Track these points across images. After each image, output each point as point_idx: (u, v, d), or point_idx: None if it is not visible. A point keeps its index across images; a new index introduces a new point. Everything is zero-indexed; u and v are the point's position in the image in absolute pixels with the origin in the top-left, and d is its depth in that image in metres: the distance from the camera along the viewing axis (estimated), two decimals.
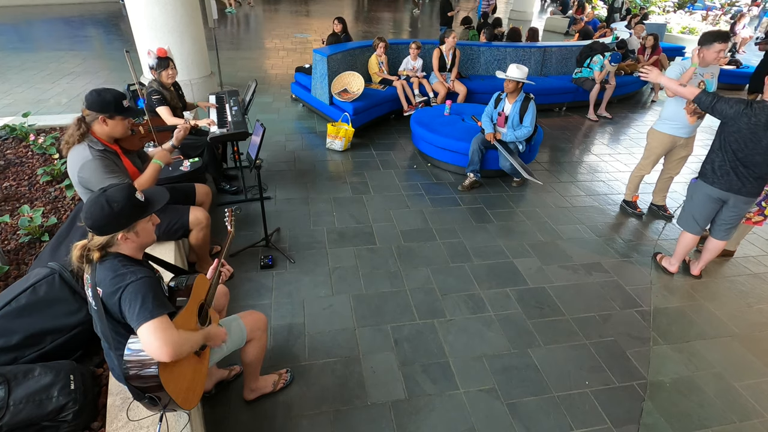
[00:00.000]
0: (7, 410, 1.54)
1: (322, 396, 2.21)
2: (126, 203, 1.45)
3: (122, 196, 1.46)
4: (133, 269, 1.43)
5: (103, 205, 1.42)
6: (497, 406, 2.23)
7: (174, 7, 5.31)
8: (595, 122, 6.50)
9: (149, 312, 1.35)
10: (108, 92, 2.17)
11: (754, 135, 2.61)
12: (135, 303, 1.36)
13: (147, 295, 1.37)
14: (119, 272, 1.41)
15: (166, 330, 1.35)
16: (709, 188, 2.90)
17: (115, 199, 1.44)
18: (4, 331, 1.80)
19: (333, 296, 2.88)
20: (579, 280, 3.18)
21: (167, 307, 1.42)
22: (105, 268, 1.44)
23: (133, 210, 1.48)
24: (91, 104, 2.15)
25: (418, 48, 5.87)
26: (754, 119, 2.58)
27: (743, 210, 2.92)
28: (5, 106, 5.55)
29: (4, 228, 2.90)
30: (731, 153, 2.73)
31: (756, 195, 2.83)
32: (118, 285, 1.39)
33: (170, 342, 1.34)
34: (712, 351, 2.65)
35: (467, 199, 4.17)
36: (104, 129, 2.20)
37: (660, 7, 15.22)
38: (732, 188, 2.81)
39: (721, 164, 2.80)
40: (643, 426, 2.18)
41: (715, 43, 3.13)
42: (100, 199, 1.43)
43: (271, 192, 4.04)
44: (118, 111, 2.19)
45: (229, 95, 4.14)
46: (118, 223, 1.44)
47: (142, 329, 1.34)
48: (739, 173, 2.75)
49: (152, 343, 1.33)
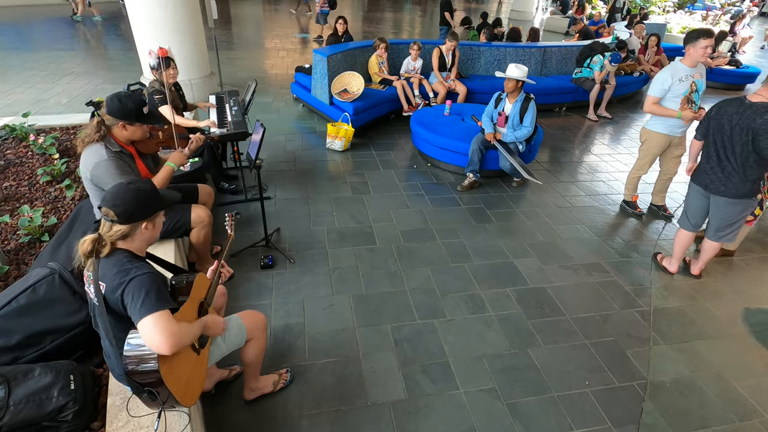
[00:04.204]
0: (7, 410, 1.54)
1: (322, 396, 2.21)
2: (152, 194, 1.56)
3: (150, 185, 1.57)
4: (137, 265, 1.46)
5: (134, 192, 1.49)
6: (497, 406, 2.23)
7: (174, 7, 5.31)
8: (595, 122, 6.50)
9: (152, 305, 1.36)
10: (129, 99, 2.20)
11: (721, 127, 2.73)
12: (138, 296, 1.37)
13: (151, 290, 1.39)
14: (124, 267, 1.44)
15: (167, 323, 1.37)
16: (693, 183, 3.03)
17: (144, 189, 1.53)
18: (4, 331, 1.80)
19: (333, 296, 2.88)
20: (579, 280, 3.18)
21: (169, 302, 1.44)
22: (110, 264, 1.46)
23: (157, 201, 1.57)
24: (112, 111, 2.19)
25: (419, 48, 5.87)
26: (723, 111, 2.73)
27: (729, 211, 2.88)
28: (5, 106, 5.55)
29: (4, 228, 2.90)
30: (712, 148, 2.83)
31: (741, 197, 2.79)
32: (122, 279, 1.41)
33: (171, 334, 1.35)
34: (712, 351, 2.65)
35: (467, 199, 4.17)
36: (123, 133, 2.25)
37: (660, 7, 15.21)
38: (709, 186, 2.89)
39: (705, 162, 2.90)
40: (643, 426, 2.18)
41: (701, 39, 3.17)
42: (130, 187, 1.51)
43: (271, 192, 4.04)
44: (138, 118, 2.22)
45: (229, 95, 4.14)
46: (146, 211, 1.52)
47: (144, 322, 1.35)
48: (716, 170, 2.82)
49: (153, 335, 1.34)
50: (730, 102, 2.72)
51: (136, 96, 2.24)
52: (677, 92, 3.37)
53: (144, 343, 1.37)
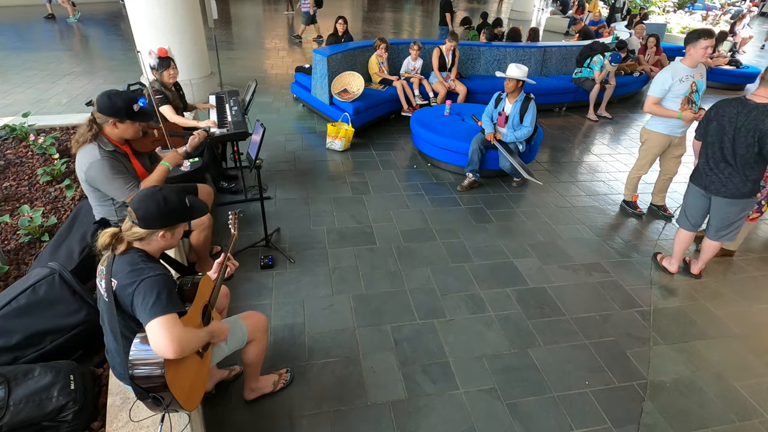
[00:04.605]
0: (7, 410, 1.54)
1: (322, 396, 2.21)
2: (179, 205, 1.56)
3: (177, 198, 1.56)
4: (151, 266, 1.47)
5: (159, 202, 1.50)
6: (497, 406, 2.23)
7: (174, 7, 5.31)
8: (595, 122, 6.50)
9: (162, 308, 1.36)
10: (119, 97, 2.19)
11: (722, 128, 2.72)
12: (149, 297, 1.37)
13: (162, 292, 1.39)
14: (138, 266, 1.45)
15: (175, 326, 1.36)
16: (692, 184, 3.02)
17: (171, 199, 1.54)
18: (4, 331, 1.80)
19: (333, 296, 2.88)
20: (579, 280, 3.18)
21: (179, 306, 1.44)
22: (124, 261, 1.46)
23: (182, 213, 1.57)
24: (102, 108, 2.17)
25: (419, 48, 5.87)
26: (723, 112, 2.71)
27: (729, 211, 2.89)
28: (5, 106, 5.55)
29: (4, 228, 2.90)
30: (711, 150, 2.82)
31: (741, 197, 2.79)
32: (134, 278, 1.41)
33: (178, 338, 1.35)
34: (712, 351, 2.65)
35: (467, 199, 4.17)
36: (115, 131, 2.23)
37: (660, 7, 15.21)
38: (709, 187, 2.88)
39: (704, 163, 2.89)
40: (643, 426, 2.18)
41: (701, 40, 3.17)
42: (157, 196, 1.52)
43: (271, 192, 4.04)
44: (128, 116, 2.21)
45: (229, 95, 4.14)
46: (167, 220, 1.53)
47: (153, 324, 1.35)
48: (716, 171, 2.82)
49: (160, 338, 1.34)
50: (729, 102, 2.71)
51: (126, 94, 2.22)
52: (677, 92, 3.37)
53: (150, 347, 1.36)
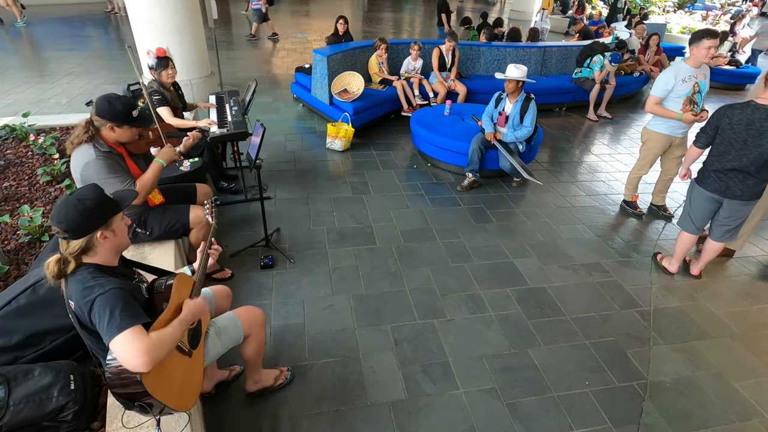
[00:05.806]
0: (7, 410, 1.54)
1: (322, 396, 2.21)
2: (98, 198, 1.44)
3: (93, 192, 1.45)
4: (101, 281, 1.38)
5: (75, 204, 1.39)
6: (497, 406, 2.23)
7: (174, 7, 5.31)
8: (595, 122, 6.50)
9: (116, 326, 1.29)
10: (118, 101, 2.18)
11: (738, 135, 2.65)
12: (103, 317, 1.31)
13: (115, 308, 1.31)
14: (88, 285, 1.37)
15: (136, 340, 1.28)
16: (703, 190, 2.93)
17: (86, 196, 1.42)
18: (4, 331, 1.80)
19: (333, 296, 2.88)
20: (579, 280, 3.18)
21: (139, 317, 1.35)
22: (75, 281, 1.40)
23: (106, 204, 1.47)
24: (101, 112, 2.17)
25: (419, 48, 5.87)
26: (735, 119, 2.64)
27: (742, 213, 2.90)
28: (5, 106, 5.55)
29: (4, 228, 2.90)
30: (721, 155, 2.76)
31: (754, 197, 2.80)
32: (86, 299, 1.35)
33: (143, 351, 1.27)
34: (712, 351, 2.65)
35: (467, 199, 4.17)
36: (112, 135, 2.23)
37: (660, 7, 15.21)
38: (726, 192, 2.82)
39: (718, 168, 2.82)
40: (643, 426, 2.18)
41: (704, 40, 3.16)
42: (70, 200, 1.40)
43: (271, 192, 4.04)
44: (127, 121, 2.21)
45: (229, 95, 4.14)
46: (94, 221, 1.41)
47: (113, 343, 1.29)
48: (730, 176, 2.77)
49: (125, 356, 1.28)
50: (738, 108, 2.65)
51: (125, 99, 2.22)
52: (680, 93, 3.36)
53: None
